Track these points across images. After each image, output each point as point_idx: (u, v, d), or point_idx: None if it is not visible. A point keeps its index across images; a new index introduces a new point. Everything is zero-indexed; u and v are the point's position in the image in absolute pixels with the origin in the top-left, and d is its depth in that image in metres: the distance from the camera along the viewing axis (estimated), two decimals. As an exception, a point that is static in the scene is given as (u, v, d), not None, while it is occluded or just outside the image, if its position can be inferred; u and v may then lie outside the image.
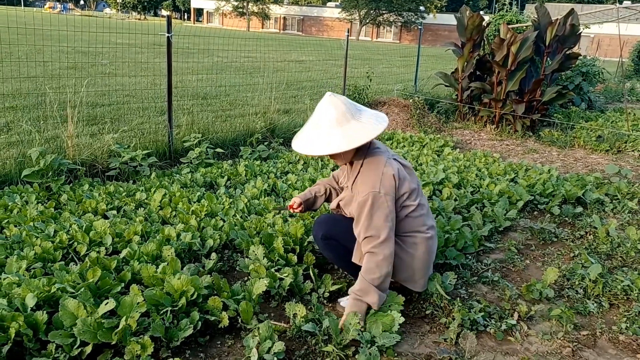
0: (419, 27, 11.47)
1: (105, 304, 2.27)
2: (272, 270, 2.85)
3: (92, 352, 2.19)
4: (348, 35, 8.16)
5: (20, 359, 2.14)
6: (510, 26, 8.86)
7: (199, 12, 77.59)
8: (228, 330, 2.48)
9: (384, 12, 60.20)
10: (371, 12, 60.03)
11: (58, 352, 2.14)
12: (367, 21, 60.88)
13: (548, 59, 7.98)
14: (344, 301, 2.76)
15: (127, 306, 2.30)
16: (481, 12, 9.80)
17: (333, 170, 5.22)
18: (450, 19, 53.97)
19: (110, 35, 7.46)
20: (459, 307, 2.65)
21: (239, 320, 2.50)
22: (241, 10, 66.57)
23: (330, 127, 2.42)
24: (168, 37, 5.31)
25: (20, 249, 2.97)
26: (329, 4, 70.50)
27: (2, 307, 2.28)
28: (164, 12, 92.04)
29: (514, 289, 3.06)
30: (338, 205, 2.77)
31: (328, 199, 3.01)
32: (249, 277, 2.86)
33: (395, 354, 2.38)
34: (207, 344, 2.40)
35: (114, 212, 3.68)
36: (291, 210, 2.98)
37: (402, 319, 2.42)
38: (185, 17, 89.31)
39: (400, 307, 2.56)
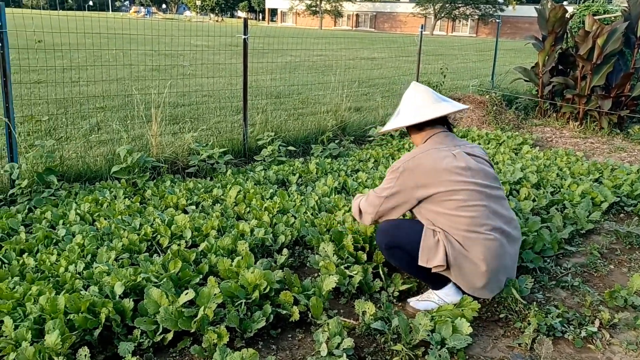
0: (497, 20, 11.07)
1: (186, 294, 2.41)
2: (342, 267, 2.88)
3: (173, 339, 2.33)
4: (422, 31, 8.04)
5: (109, 343, 2.32)
6: (596, 17, 8.35)
7: (273, 12, 79.21)
8: (299, 325, 2.55)
9: (460, 5, 58.59)
10: (446, 5, 58.59)
11: (143, 338, 2.30)
12: (442, 15, 59.50)
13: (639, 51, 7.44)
14: (413, 301, 2.75)
15: (205, 297, 2.43)
16: (564, 3, 9.30)
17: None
18: (530, 10, 51.53)
19: (190, 37, 7.84)
20: (535, 311, 2.56)
21: (309, 315, 2.55)
22: (314, 9, 67.25)
23: (402, 108, 2.73)
24: (244, 39, 5.50)
25: (109, 241, 3.20)
26: (402, -1, 69.59)
27: (94, 294, 2.47)
28: (240, 14, 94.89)
29: (595, 295, 2.91)
30: None
31: None
32: (319, 273, 2.91)
33: (467, 357, 2.34)
34: (278, 336, 2.48)
35: (193, 207, 3.87)
36: None
37: (470, 329, 2.37)
38: (260, 17, 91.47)
39: (474, 314, 2.52)
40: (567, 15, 8.01)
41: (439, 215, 2.53)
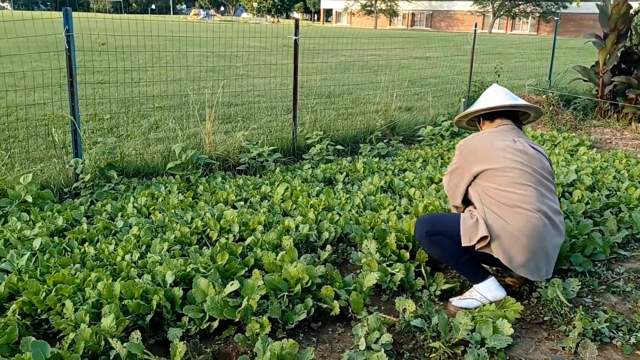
0: (556, 17, 10.70)
1: (231, 285, 2.52)
2: (384, 265, 2.92)
3: (218, 327, 2.44)
4: (475, 29, 7.90)
5: (160, 328, 2.46)
6: (664, 12, 7.93)
7: (328, 12, 79.55)
8: (339, 319, 2.60)
9: (520, 2, 56.77)
10: (506, 3, 56.92)
11: (190, 325, 2.43)
12: (501, 13, 57.84)
13: None
14: (455, 300, 2.74)
15: (249, 288, 2.53)
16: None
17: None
18: (596, 7, 49.28)
19: (245, 39, 8.06)
20: (581, 315, 2.50)
21: (350, 310, 2.60)
22: (369, 8, 67.04)
23: (478, 101, 3.02)
24: (295, 39, 5.61)
25: (163, 233, 3.38)
26: (459, -3, 68.15)
27: (147, 281, 2.63)
28: (296, 15, 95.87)
29: (649, 302, 2.80)
30: None
31: None
32: (361, 270, 2.95)
33: (507, 358, 2.32)
34: (319, 329, 2.54)
35: (242, 203, 4.01)
36: None
37: (511, 330, 2.35)
38: (315, 18, 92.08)
39: (517, 315, 2.50)
40: (632, 12, 7.65)
41: (488, 191, 2.64)
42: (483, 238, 2.53)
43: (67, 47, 4.17)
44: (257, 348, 2.15)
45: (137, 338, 2.21)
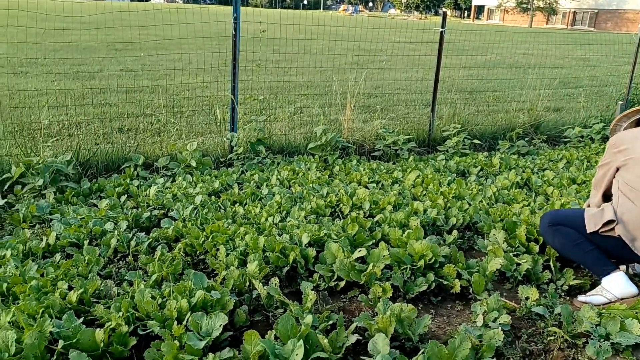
0: None
1: (359, 251, 2.75)
2: (510, 254, 2.93)
3: (344, 287, 2.68)
4: (642, 28, 7.21)
5: (294, 280, 2.76)
6: None
7: (480, 9, 76.46)
8: (459, 297, 2.69)
9: None
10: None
11: (320, 281, 2.70)
12: (685, 12, 50.84)
13: None
14: (582, 297, 2.68)
15: (375, 256, 2.73)
16: None
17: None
18: None
19: (391, 34, 8.25)
20: None
21: (470, 291, 2.68)
22: (525, 5, 63.11)
23: None
24: (441, 31, 5.66)
25: (301, 203, 3.72)
26: (633, -6, 61.13)
27: (286, 240, 2.96)
28: (445, 9, 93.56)
29: None
30: None
31: None
32: (486, 256, 2.99)
33: (634, 357, 2.24)
34: (438, 303, 2.66)
35: (374, 184, 4.22)
36: None
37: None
38: (466, 14, 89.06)
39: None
40: None
41: (626, 179, 2.62)
42: (609, 222, 2.53)
43: (234, 32, 4.70)
44: (378, 308, 2.34)
45: (275, 284, 2.53)
